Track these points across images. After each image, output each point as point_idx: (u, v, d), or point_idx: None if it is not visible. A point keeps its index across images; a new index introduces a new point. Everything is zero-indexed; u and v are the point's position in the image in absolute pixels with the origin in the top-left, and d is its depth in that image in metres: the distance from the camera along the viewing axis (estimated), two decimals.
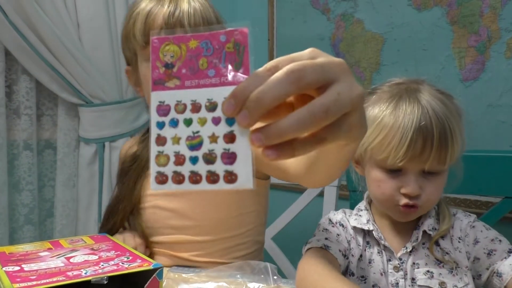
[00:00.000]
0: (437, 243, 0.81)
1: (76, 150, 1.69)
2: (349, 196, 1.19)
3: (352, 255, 0.83)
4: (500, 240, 0.78)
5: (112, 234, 0.96)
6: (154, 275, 0.66)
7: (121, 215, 0.97)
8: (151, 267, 0.67)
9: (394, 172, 0.78)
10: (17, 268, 0.68)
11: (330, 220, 0.88)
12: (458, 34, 1.40)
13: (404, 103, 0.76)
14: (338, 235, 0.84)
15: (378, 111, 0.78)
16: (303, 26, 1.83)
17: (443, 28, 1.43)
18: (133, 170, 0.97)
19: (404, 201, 0.78)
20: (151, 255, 0.94)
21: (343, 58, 1.78)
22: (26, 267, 0.69)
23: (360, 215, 0.87)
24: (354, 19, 1.66)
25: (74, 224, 1.67)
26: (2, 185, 1.52)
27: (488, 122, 1.34)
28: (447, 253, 0.79)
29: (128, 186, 0.96)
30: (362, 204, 0.90)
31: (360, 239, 0.85)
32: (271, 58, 1.95)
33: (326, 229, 0.86)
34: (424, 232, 0.81)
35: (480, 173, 1.12)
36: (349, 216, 0.89)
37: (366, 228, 0.84)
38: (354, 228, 0.85)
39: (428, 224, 0.81)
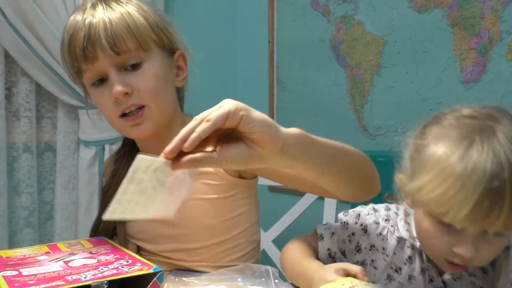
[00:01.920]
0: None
1: (76, 153, 1.69)
2: None
3: (375, 268, 0.79)
4: None
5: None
6: (154, 279, 0.66)
7: (103, 232, 0.96)
8: (151, 270, 0.67)
9: (449, 226, 0.67)
10: (15, 272, 0.67)
11: (358, 215, 0.83)
12: (459, 36, 1.39)
13: (476, 152, 0.62)
14: (353, 234, 0.81)
15: (442, 153, 0.65)
16: (304, 28, 1.82)
17: (444, 30, 1.42)
18: (114, 187, 0.95)
19: (454, 260, 0.69)
20: None
21: (344, 60, 1.79)
22: (24, 271, 0.68)
23: (409, 222, 0.79)
24: (355, 21, 1.65)
25: (74, 227, 1.66)
26: (1, 188, 1.51)
27: None
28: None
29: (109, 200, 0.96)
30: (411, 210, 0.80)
31: (392, 247, 0.78)
32: (271, 60, 1.95)
33: (347, 223, 0.82)
34: None
35: None
36: (386, 221, 0.81)
37: (417, 245, 0.77)
38: (399, 238, 0.79)
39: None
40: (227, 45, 2.09)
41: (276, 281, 0.75)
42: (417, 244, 0.77)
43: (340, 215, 0.85)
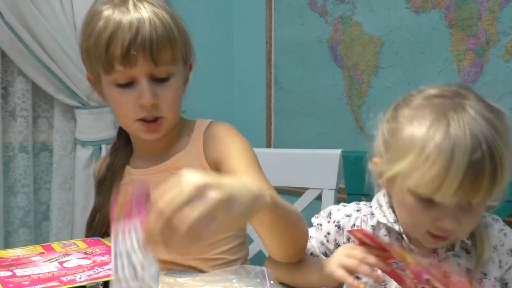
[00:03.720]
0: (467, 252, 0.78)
1: (72, 153, 1.68)
2: (347, 199, 1.18)
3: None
4: None
5: None
6: None
7: (100, 224, 0.97)
8: None
9: (431, 201, 0.69)
10: (9, 273, 0.67)
11: (330, 214, 0.85)
12: (457, 37, 1.39)
13: (454, 129, 0.65)
14: (328, 233, 0.84)
15: (421, 134, 0.67)
16: (301, 29, 1.82)
17: (441, 31, 1.42)
18: (108, 180, 0.98)
19: (437, 232, 0.72)
20: None
21: (341, 61, 1.79)
22: (18, 272, 0.68)
23: (383, 211, 0.81)
24: (352, 21, 1.65)
25: (70, 227, 1.65)
26: None
27: None
28: (485, 274, 0.76)
29: (105, 195, 0.97)
30: (383, 200, 0.82)
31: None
32: (269, 60, 1.95)
33: (320, 224, 0.86)
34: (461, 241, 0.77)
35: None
36: (357, 211, 0.84)
37: (397, 228, 0.78)
38: (373, 226, 0.81)
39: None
40: (224, 45, 2.09)
41: (272, 282, 0.75)
42: (396, 227, 0.78)
43: (313, 218, 0.87)
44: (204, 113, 1.05)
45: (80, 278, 0.64)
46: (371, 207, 0.84)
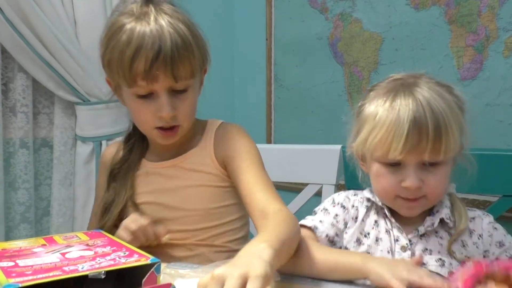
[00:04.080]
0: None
1: (72, 149, 1.69)
2: None
3: (346, 233, 0.88)
4: None
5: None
6: (152, 270, 0.66)
7: (114, 213, 0.99)
8: (148, 261, 0.66)
9: (394, 166, 0.80)
10: (12, 263, 0.67)
11: (333, 200, 0.92)
12: (456, 33, 1.40)
13: (399, 98, 0.78)
14: (336, 215, 0.89)
15: (374, 107, 0.81)
16: (301, 26, 1.83)
17: (441, 27, 1.43)
18: (123, 171, 1.02)
19: (405, 194, 0.80)
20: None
21: (341, 58, 1.80)
22: (20, 262, 0.68)
23: (372, 192, 0.90)
24: (352, 18, 1.65)
25: (70, 222, 1.66)
26: None
27: (486, 121, 1.34)
28: (464, 245, 0.82)
29: (121, 186, 1.01)
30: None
31: (361, 215, 0.88)
32: (269, 57, 1.95)
33: (326, 209, 0.91)
34: (441, 220, 0.83)
35: (478, 172, 1.11)
36: (355, 195, 0.92)
37: (379, 204, 0.87)
38: (363, 202, 0.89)
39: (445, 213, 0.83)
40: (224, 42, 2.09)
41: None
42: (379, 203, 0.87)
43: (315, 209, 0.93)
44: (204, 110, 1.06)
45: (82, 268, 0.64)
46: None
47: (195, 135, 1.03)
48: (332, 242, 0.87)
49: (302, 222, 0.89)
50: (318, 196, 1.37)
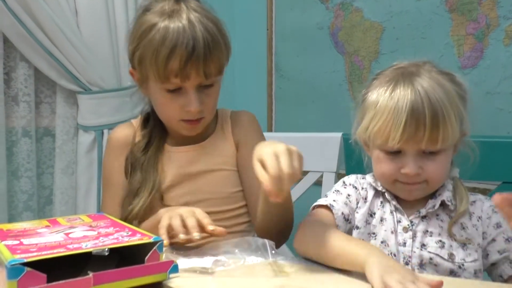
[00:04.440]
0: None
1: (74, 138, 1.70)
2: None
3: (357, 212, 0.89)
4: None
5: (129, 221, 0.96)
6: (154, 248, 0.66)
7: (144, 198, 0.99)
8: (151, 240, 0.67)
9: (394, 153, 0.82)
10: (17, 242, 0.68)
11: (344, 182, 0.94)
12: (457, 21, 1.40)
13: (399, 88, 0.79)
14: (349, 195, 0.90)
15: (375, 96, 0.82)
16: (302, 16, 1.83)
17: (442, 16, 1.43)
18: (150, 156, 1.03)
19: (404, 179, 0.82)
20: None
21: (342, 47, 1.80)
22: (25, 241, 0.69)
23: (374, 176, 0.92)
24: (353, 7, 1.66)
25: (73, 211, 1.67)
26: (1, 172, 1.52)
27: (486, 109, 1.34)
28: (464, 228, 0.83)
29: (148, 171, 1.01)
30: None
31: (370, 196, 0.90)
32: (270, 47, 1.96)
33: (338, 191, 0.92)
34: (442, 203, 0.84)
35: (478, 159, 1.12)
36: (363, 179, 0.94)
37: (379, 189, 0.89)
38: (370, 184, 0.91)
39: (446, 196, 0.84)
40: None
41: (273, 252, 0.76)
42: (380, 187, 0.89)
43: (327, 193, 0.94)
44: None
45: (86, 246, 0.65)
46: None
47: (210, 123, 1.07)
48: (347, 220, 0.88)
49: (317, 203, 0.90)
50: (317, 185, 1.38)
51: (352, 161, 1.24)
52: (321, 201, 0.89)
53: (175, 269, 0.67)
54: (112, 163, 1.07)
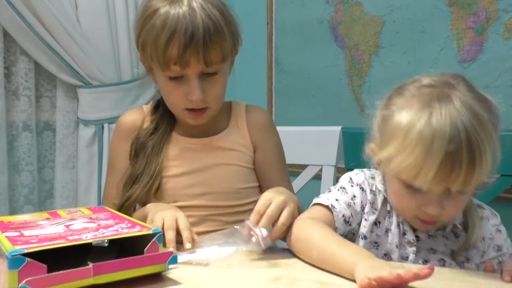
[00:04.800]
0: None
1: (75, 132, 1.71)
2: None
3: (365, 219, 0.84)
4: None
5: (127, 207, 0.99)
6: (153, 239, 0.67)
7: (143, 184, 1.00)
8: (150, 231, 0.68)
9: (416, 188, 0.73)
10: (17, 233, 0.69)
11: (351, 179, 0.88)
12: (457, 15, 1.40)
13: (435, 119, 0.69)
14: (354, 196, 0.85)
15: (405, 123, 0.71)
16: (302, 10, 1.83)
17: (442, 9, 1.43)
18: (154, 142, 1.02)
19: (423, 217, 0.76)
20: None
21: (342, 41, 1.80)
22: (26, 233, 0.69)
23: (384, 183, 0.85)
24: (353, 1, 1.66)
25: (73, 205, 1.68)
26: (2, 166, 1.53)
27: None
28: (466, 248, 0.80)
29: (151, 157, 1.01)
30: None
31: (379, 204, 0.84)
32: (270, 41, 1.96)
33: (344, 188, 0.86)
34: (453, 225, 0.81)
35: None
36: (372, 179, 0.87)
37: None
38: (379, 190, 0.85)
39: (459, 218, 0.81)
40: None
41: (268, 241, 0.78)
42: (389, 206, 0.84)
43: (331, 187, 0.89)
44: None
45: (86, 237, 0.65)
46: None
47: (223, 116, 1.06)
48: (347, 222, 0.83)
49: (318, 200, 0.85)
50: (316, 179, 1.38)
51: (352, 155, 1.25)
52: (322, 199, 0.84)
53: (174, 260, 0.68)
54: (118, 147, 1.07)
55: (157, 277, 0.68)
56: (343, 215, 0.83)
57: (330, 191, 0.87)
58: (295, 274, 0.71)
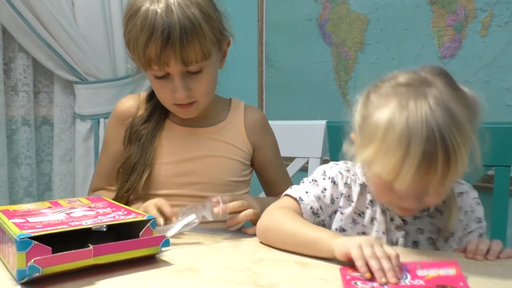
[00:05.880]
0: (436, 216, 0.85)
1: (72, 126, 1.76)
2: None
3: (342, 213, 0.86)
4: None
5: (126, 197, 1.03)
6: (148, 225, 0.73)
7: (140, 172, 1.02)
8: (145, 218, 0.74)
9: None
10: (23, 220, 0.75)
11: (324, 172, 0.89)
12: (437, 14, 1.47)
13: (411, 120, 0.69)
14: (325, 189, 0.86)
15: (382, 125, 0.71)
16: (291, 7, 1.88)
17: (423, 8, 1.49)
18: (149, 130, 1.04)
19: (403, 205, 0.78)
20: None
21: (330, 38, 1.85)
22: (31, 219, 0.75)
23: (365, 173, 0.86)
24: (340, 0, 1.71)
25: (71, 197, 1.72)
26: (1, 159, 1.58)
27: None
28: (452, 233, 0.84)
29: (147, 145, 1.03)
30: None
31: (355, 195, 0.86)
32: (260, 38, 2.01)
33: (315, 180, 0.88)
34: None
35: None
36: (348, 171, 0.88)
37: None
38: (354, 181, 0.86)
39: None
40: None
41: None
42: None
43: (304, 179, 0.92)
44: None
45: (86, 223, 0.72)
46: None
47: (219, 109, 1.10)
48: (316, 214, 0.86)
49: (288, 192, 0.88)
50: (303, 171, 1.44)
51: (336, 147, 1.31)
52: (293, 191, 0.87)
53: (166, 243, 0.74)
54: (112, 131, 1.09)
55: (151, 259, 0.74)
56: (311, 207, 0.85)
57: (303, 182, 0.90)
58: (277, 256, 0.77)
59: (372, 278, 0.64)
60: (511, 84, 1.35)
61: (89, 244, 0.67)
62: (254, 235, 0.88)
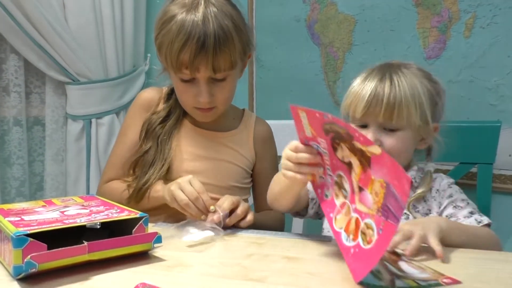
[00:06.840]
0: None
1: (64, 127, 1.77)
2: None
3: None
4: (468, 203, 0.96)
5: (144, 190, 1.06)
6: (140, 222, 0.76)
7: (159, 167, 1.07)
8: (137, 215, 0.77)
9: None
10: (18, 218, 0.77)
11: None
12: (422, 15, 1.50)
13: (372, 74, 1.00)
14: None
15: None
16: (280, 8, 1.90)
17: (409, 9, 1.53)
18: (165, 129, 1.11)
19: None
20: None
21: (318, 39, 1.87)
22: (26, 218, 0.77)
23: None
24: (328, 1, 1.74)
25: (63, 197, 1.75)
26: None
27: (448, 97, 1.44)
28: (425, 200, 0.97)
29: (165, 141, 1.10)
30: None
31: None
32: None
33: None
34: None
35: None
36: None
37: None
38: None
39: (412, 175, 0.97)
40: None
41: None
42: None
43: None
44: None
45: (80, 221, 0.74)
46: None
47: (234, 118, 1.18)
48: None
49: None
50: None
51: None
52: None
53: (159, 239, 0.76)
54: (132, 119, 1.16)
55: (144, 255, 0.77)
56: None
57: None
58: (266, 251, 0.80)
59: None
60: (493, 84, 1.39)
61: (84, 241, 0.70)
62: (246, 228, 0.95)
